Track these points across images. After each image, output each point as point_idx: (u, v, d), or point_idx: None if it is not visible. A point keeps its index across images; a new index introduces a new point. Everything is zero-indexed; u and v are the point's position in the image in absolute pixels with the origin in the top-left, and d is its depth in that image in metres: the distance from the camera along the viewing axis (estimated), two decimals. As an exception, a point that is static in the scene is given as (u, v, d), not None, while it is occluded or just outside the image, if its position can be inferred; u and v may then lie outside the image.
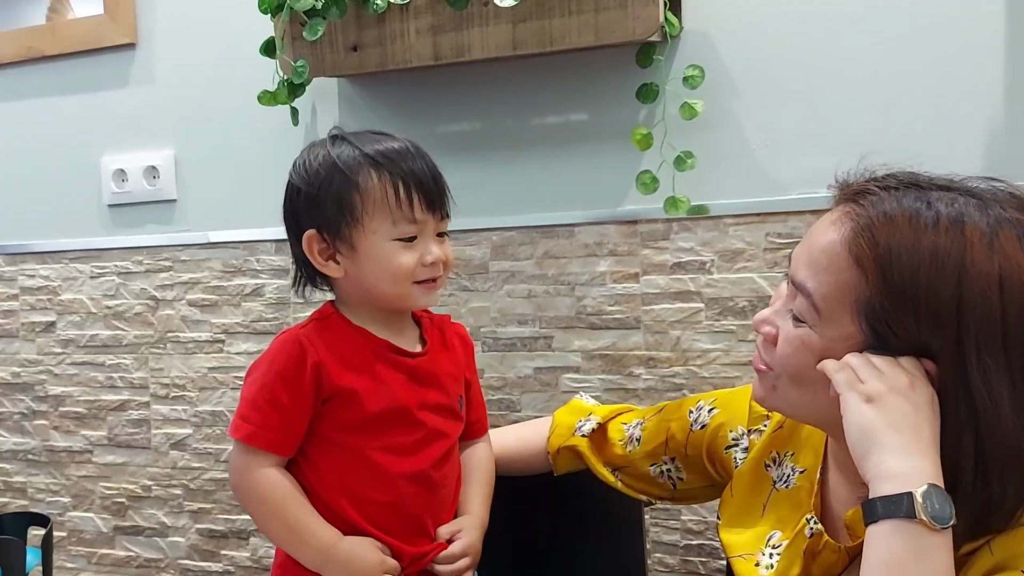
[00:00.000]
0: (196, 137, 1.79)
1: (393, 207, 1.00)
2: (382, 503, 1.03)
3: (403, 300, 1.04)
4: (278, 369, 1.00)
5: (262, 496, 1.00)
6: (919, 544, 0.72)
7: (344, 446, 1.02)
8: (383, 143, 1.03)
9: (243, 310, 1.77)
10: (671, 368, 1.49)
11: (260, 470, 1.00)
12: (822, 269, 0.81)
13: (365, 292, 1.04)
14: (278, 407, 0.99)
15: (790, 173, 1.41)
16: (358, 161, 1.01)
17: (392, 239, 1.00)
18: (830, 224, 0.83)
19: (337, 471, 1.02)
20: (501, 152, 1.58)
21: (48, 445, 1.95)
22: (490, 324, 1.60)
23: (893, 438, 0.75)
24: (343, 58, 1.48)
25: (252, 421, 1.00)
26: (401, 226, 1.00)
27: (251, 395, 1.00)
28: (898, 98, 1.35)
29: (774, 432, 1.01)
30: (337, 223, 1.01)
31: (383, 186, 1.00)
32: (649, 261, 1.50)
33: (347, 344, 1.03)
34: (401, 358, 1.05)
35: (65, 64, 1.88)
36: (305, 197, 1.02)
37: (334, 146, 1.03)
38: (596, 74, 1.50)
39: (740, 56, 1.43)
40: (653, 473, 1.12)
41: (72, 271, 1.90)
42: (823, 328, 0.81)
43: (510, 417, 1.59)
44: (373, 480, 1.02)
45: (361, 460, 1.02)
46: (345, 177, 1.00)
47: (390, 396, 1.03)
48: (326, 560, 1.00)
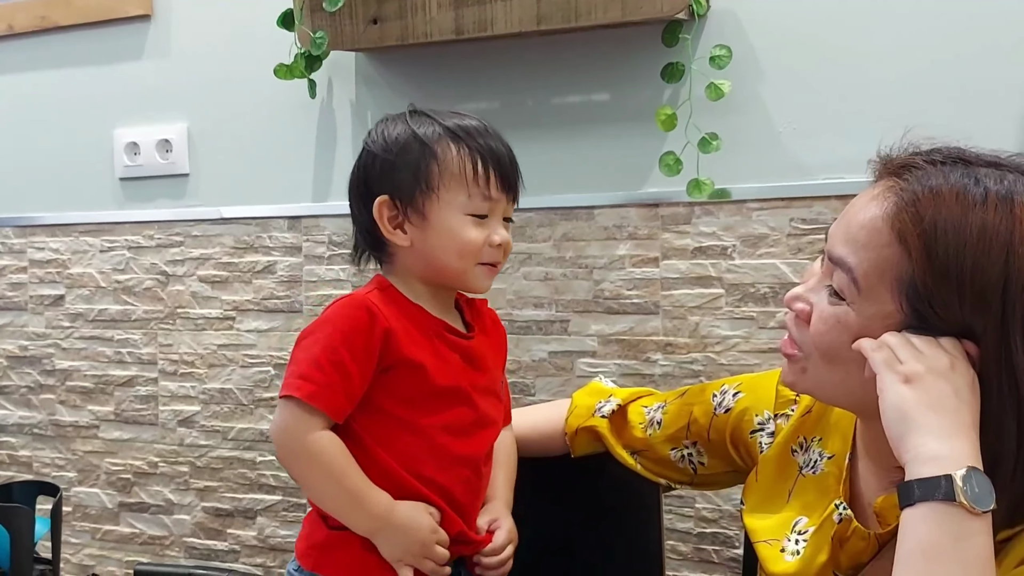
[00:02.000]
0: (210, 111, 1.77)
1: (470, 181, 0.99)
2: (436, 482, 1.01)
3: (463, 277, 1.02)
4: (345, 330, 0.97)
5: (321, 460, 0.97)
6: (958, 528, 0.70)
7: (401, 420, 1.00)
8: (463, 119, 1.03)
9: (254, 287, 1.75)
10: (689, 354, 1.47)
11: (317, 432, 0.96)
12: (862, 245, 0.78)
13: (427, 265, 1.02)
14: (342, 369, 0.96)
15: (816, 157, 1.39)
16: (438, 133, 1.01)
17: (465, 213, 1.00)
18: (871, 199, 0.80)
19: (395, 442, 1.00)
20: (520, 131, 1.55)
21: (54, 419, 1.93)
22: (506, 307, 1.58)
23: (932, 420, 0.73)
24: (362, 31, 1.46)
25: (315, 380, 0.96)
26: (475, 201, 1.00)
27: (312, 355, 0.97)
28: (931, 80, 1.32)
29: (801, 417, 0.98)
30: (412, 190, 1.00)
31: (462, 159, 1.00)
32: (670, 245, 1.47)
33: (408, 318, 1.01)
34: (456, 338, 1.04)
35: (79, 35, 1.86)
36: (381, 164, 1.02)
37: (412, 119, 1.03)
38: (620, 53, 1.48)
39: (768, 37, 1.40)
40: (673, 457, 1.10)
41: (82, 244, 1.88)
42: (862, 305, 0.78)
43: (524, 401, 1.57)
44: (431, 458, 1.01)
45: (420, 437, 1.00)
46: (424, 147, 1.00)
47: (452, 374, 1.02)
48: (382, 526, 0.98)
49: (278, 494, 1.76)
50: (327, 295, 1.70)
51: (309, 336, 0.99)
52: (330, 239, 1.69)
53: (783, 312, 1.38)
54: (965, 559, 0.70)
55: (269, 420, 1.76)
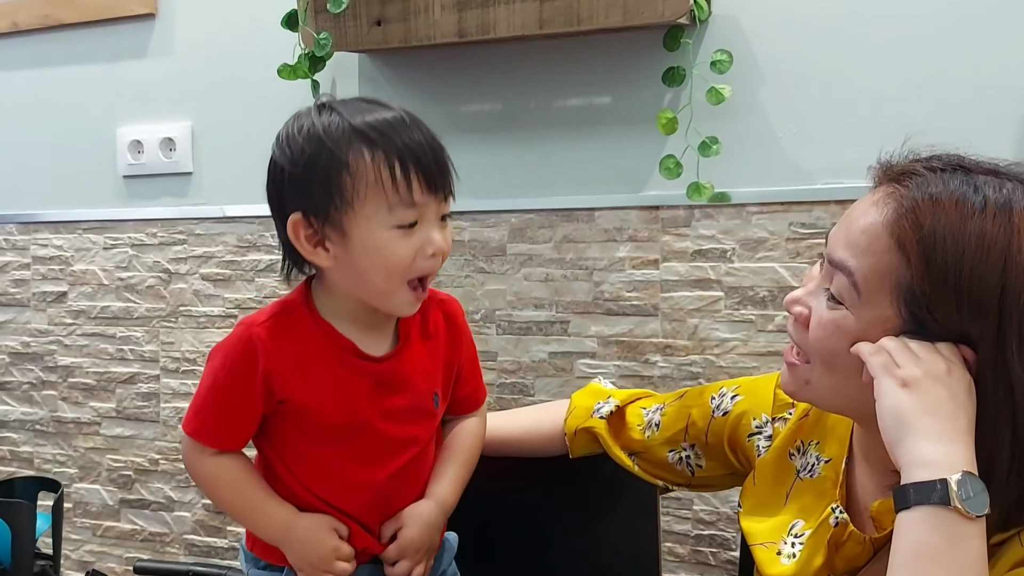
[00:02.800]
0: (214, 110, 1.77)
1: (389, 190, 0.88)
2: (337, 504, 1.00)
3: (387, 299, 0.94)
4: (228, 368, 0.95)
5: (214, 482, 1.00)
6: (953, 532, 0.71)
7: (305, 449, 0.99)
8: (375, 113, 0.91)
9: (256, 285, 1.76)
10: (688, 356, 1.48)
11: (208, 459, 0.98)
12: (862, 250, 0.79)
13: (353, 283, 0.94)
14: (224, 408, 0.96)
15: (816, 162, 1.39)
16: (348, 136, 0.89)
17: (389, 227, 0.90)
18: (871, 204, 0.81)
19: (300, 468, 0.99)
20: (522, 133, 1.56)
21: (56, 416, 1.94)
22: (506, 307, 1.58)
23: (928, 424, 0.73)
24: (366, 32, 1.47)
25: (200, 418, 0.97)
26: (399, 211, 0.89)
27: (203, 390, 0.97)
28: (930, 87, 1.33)
29: (799, 420, 0.99)
30: (325, 206, 0.89)
31: (376, 165, 0.88)
32: (669, 248, 1.48)
33: (307, 345, 0.96)
34: (365, 363, 0.97)
35: (83, 33, 1.86)
36: (289, 177, 0.91)
37: (320, 117, 0.92)
38: (621, 56, 1.48)
39: (768, 42, 1.41)
40: (671, 459, 1.10)
41: (85, 242, 1.89)
42: (861, 310, 0.79)
43: (523, 401, 1.58)
44: (330, 483, 0.99)
45: (319, 464, 0.99)
46: (333, 155, 0.89)
47: (350, 407, 0.97)
48: (283, 538, 0.99)
49: (278, 492, 1.77)
50: (328, 294, 1.70)
51: (210, 361, 0.98)
52: (332, 239, 1.69)
53: (783, 315, 1.40)
54: (959, 563, 0.71)
55: (270, 418, 1.76)
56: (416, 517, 1.02)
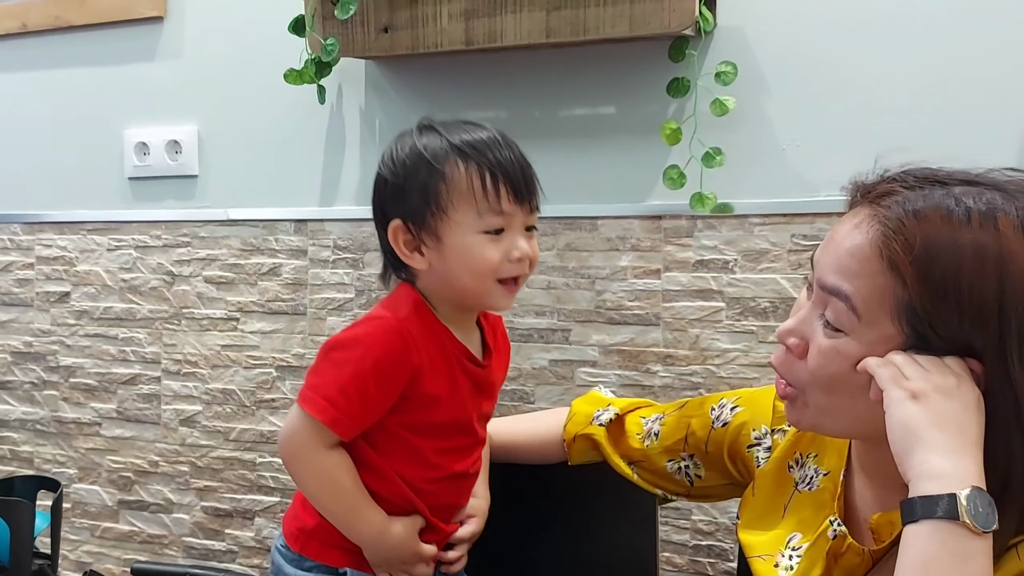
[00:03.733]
0: (220, 113, 1.78)
1: (479, 197, 0.98)
2: (425, 490, 1.05)
3: (482, 297, 1.02)
4: (376, 359, 0.98)
5: (327, 477, 1.01)
6: (960, 547, 0.70)
7: (404, 439, 1.03)
8: (471, 133, 1.01)
9: (259, 289, 1.76)
10: (689, 366, 1.48)
11: (328, 451, 1.00)
12: (855, 273, 0.78)
13: (447, 286, 1.02)
14: (366, 400, 0.99)
15: (819, 174, 1.40)
16: (445, 151, 0.99)
17: (478, 231, 0.98)
18: (853, 227, 0.80)
19: (391, 454, 1.04)
20: (526, 142, 1.51)
21: (57, 416, 1.94)
22: (507, 314, 1.58)
23: (938, 437, 0.73)
24: (373, 39, 1.47)
25: (339, 407, 0.98)
26: (487, 218, 0.98)
27: (342, 378, 0.98)
28: (933, 99, 1.33)
29: (798, 432, 0.99)
30: (422, 213, 0.99)
31: (469, 176, 0.98)
32: (672, 258, 1.48)
33: (436, 344, 1.02)
34: (474, 368, 1.05)
35: (92, 35, 1.87)
36: (392, 188, 1.01)
37: (421, 136, 1.02)
38: (626, 67, 1.49)
39: (773, 54, 1.41)
40: (670, 469, 1.11)
41: (89, 243, 1.89)
42: (862, 332, 0.78)
43: (523, 408, 1.58)
44: (424, 473, 1.05)
45: (418, 454, 1.04)
46: (431, 167, 0.99)
47: (461, 408, 1.04)
48: (373, 543, 1.04)
49: (276, 495, 1.77)
50: (331, 298, 1.71)
51: (340, 350, 1.00)
52: (335, 243, 1.70)
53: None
54: None
55: (270, 422, 1.77)
56: (482, 512, 1.13)
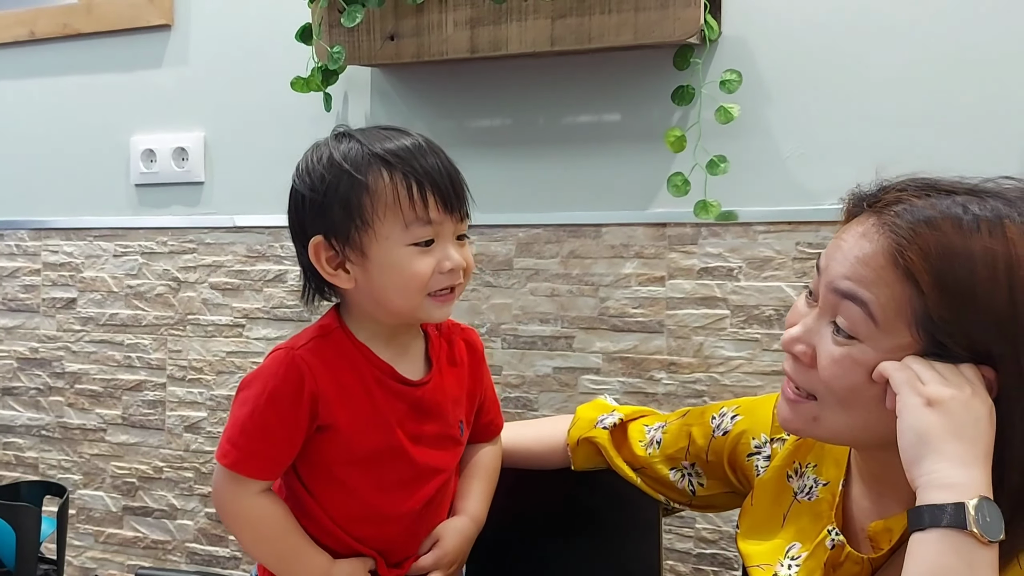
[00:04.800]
0: (227, 121, 1.79)
1: (405, 208, 0.91)
2: (371, 538, 0.99)
3: (414, 313, 0.95)
4: (271, 393, 0.93)
5: (252, 525, 0.96)
6: (969, 556, 0.70)
7: (337, 478, 0.97)
8: (393, 140, 0.94)
9: (264, 295, 1.77)
10: (692, 374, 1.48)
11: (249, 498, 0.95)
12: (871, 282, 0.77)
13: (375, 304, 0.95)
14: (268, 435, 0.93)
15: (823, 183, 1.40)
16: (367, 160, 0.92)
17: (406, 244, 0.92)
18: (860, 236, 0.80)
19: (330, 500, 0.98)
20: (531, 149, 1.57)
21: (62, 422, 1.95)
22: (511, 321, 1.59)
23: (950, 446, 0.73)
24: (379, 47, 1.48)
25: (240, 448, 0.93)
26: (415, 228, 0.92)
27: (241, 419, 0.94)
28: (935, 109, 1.34)
29: (797, 441, 0.98)
30: (346, 228, 0.92)
31: (394, 185, 0.91)
32: (676, 265, 1.48)
33: (347, 368, 0.96)
34: (403, 387, 0.98)
35: (100, 42, 1.88)
36: (310, 203, 0.94)
37: (339, 144, 0.95)
38: (631, 75, 1.49)
39: (777, 63, 1.41)
40: (672, 477, 1.10)
41: (96, 249, 1.90)
42: (878, 340, 0.78)
43: (526, 416, 1.58)
44: (364, 517, 0.99)
45: (355, 497, 0.98)
46: (352, 178, 0.92)
47: (386, 431, 0.97)
48: None
49: (281, 502, 1.77)
50: (335, 305, 1.71)
51: (243, 390, 0.96)
52: (340, 250, 1.70)
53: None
54: None
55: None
56: (453, 530, 1.03)
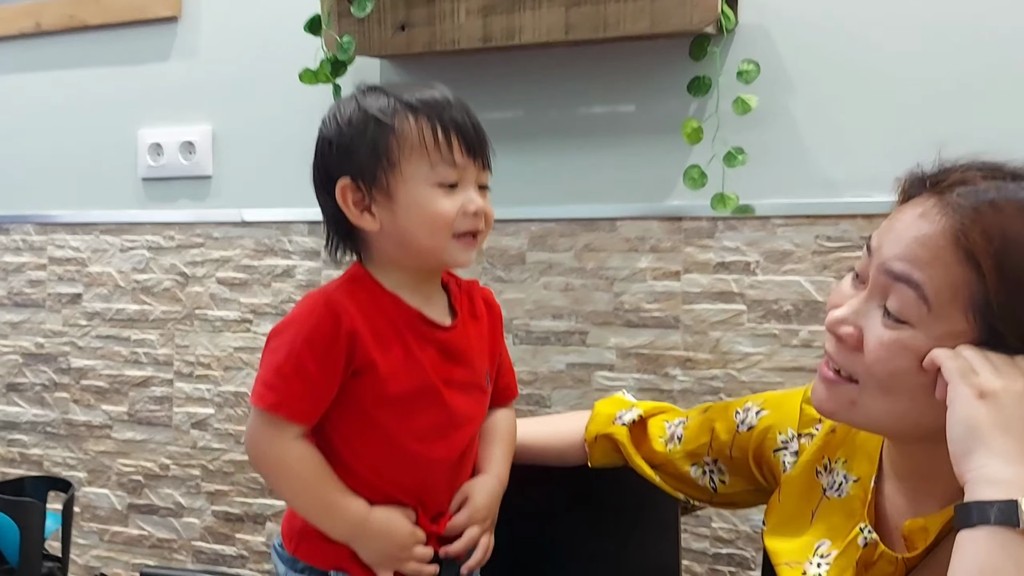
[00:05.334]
0: (234, 113, 1.77)
1: (431, 148, 0.94)
2: (409, 487, 0.99)
3: (439, 254, 0.96)
4: (307, 334, 0.93)
5: (290, 471, 0.96)
6: (1018, 555, 0.67)
7: (371, 424, 0.97)
8: (421, 91, 0.97)
9: (273, 290, 1.74)
10: (709, 370, 1.45)
11: (286, 442, 0.94)
12: (926, 263, 0.75)
13: (401, 246, 0.97)
14: (305, 376, 0.93)
15: (844, 174, 1.37)
16: (394, 107, 0.95)
17: (431, 184, 0.94)
18: (918, 217, 0.77)
19: (367, 448, 0.98)
20: (544, 141, 1.54)
21: (68, 418, 1.93)
22: (524, 316, 1.56)
23: (1002, 441, 0.70)
24: (390, 37, 1.46)
25: (277, 390, 0.93)
26: (440, 169, 0.94)
27: (276, 362, 0.93)
28: (961, 97, 1.31)
29: (826, 436, 0.96)
30: (373, 169, 0.94)
31: (420, 127, 0.94)
32: (692, 259, 1.46)
33: (379, 311, 0.97)
34: (433, 331, 0.99)
35: (107, 35, 1.86)
36: (337, 147, 0.96)
37: (366, 97, 0.97)
38: (646, 65, 1.46)
39: (796, 52, 1.39)
40: (693, 474, 1.08)
41: (102, 243, 1.88)
42: (930, 325, 0.75)
43: (539, 412, 1.55)
44: (402, 465, 0.98)
45: (392, 444, 0.97)
46: (379, 123, 0.95)
47: (420, 374, 0.97)
48: (358, 534, 0.97)
49: (289, 500, 1.75)
50: (345, 301, 1.69)
51: (275, 337, 0.96)
52: (349, 245, 1.68)
53: (807, 330, 1.37)
54: None
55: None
56: (481, 487, 1.04)
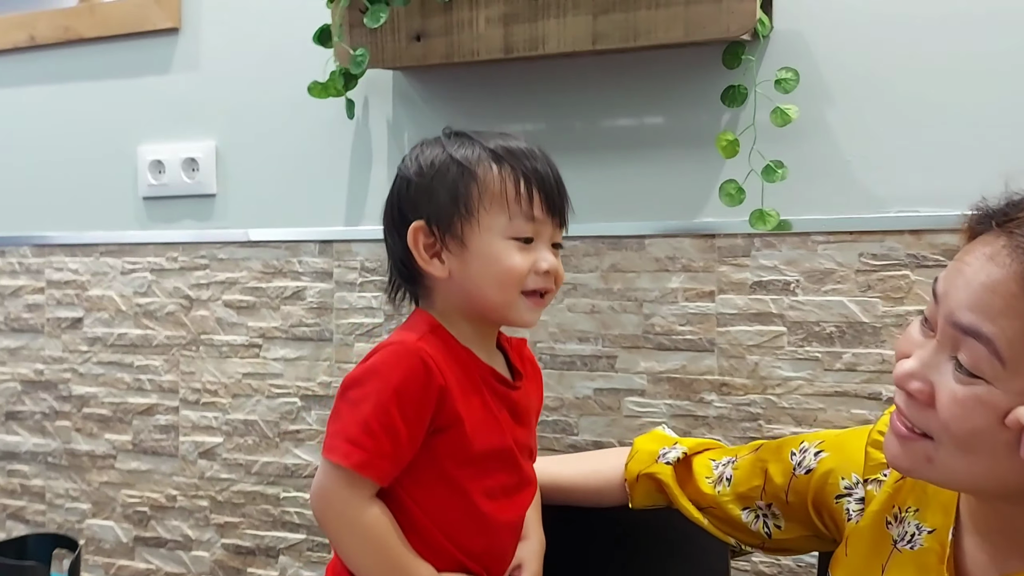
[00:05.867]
0: (239, 129, 1.69)
1: (511, 201, 0.92)
2: (477, 551, 0.95)
3: (506, 310, 0.94)
4: (397, 386, 0.88)
5: (364, 532, 0.90)
6: None
7: (446, 484, 0.93)
8: (507, 141, 0.95)
9: (282, 313, 1.67)
10: (747, 396, 1.37)
11: (365, 503, 0.89)
12: (998, 312, 0.68)
13: (467, 298, 0.94)
14: (393, 433, 0.88)
15: (888, 189, 1.29)
16: (478, 155, 0.93)
17: (507, 237, 0.92)
18: (987, 259, 0.70)
19: (440, 510, 0.93)
20: (567, 155, 1.46)
21: (70, 448, 1.85)
22: (548, 340, 1.49)
23: None
24: (405, 48, 1.38)
25: (365, 447, 0.87)
26: (517, 223, 0.92)
27: (362, 416, 0.88)
28: (1013, 112, 1.23)
29: (896, 484, 0.89)
30: (449, 215, 0.92)
31: (503, 178, 0.92)
32: (727, 279, 1.38)
33: (459, 365, 0.93)
34: (505, 389, 0.97)
35: (103, 47, 1.79)
36: (416, 188, 0.94)
37: (450, 141, 0.96)
38: (675, 74, 1.39)
39: (836, 59, 1.31)
40: (745, 519, 1.00)
41: (103, 265, 1.81)
42: (1009, 381, 0.68)
43: (565, 441, 1.48)
44: (474, 526, 0.94)
45: (467, 506, 0.94)
46: (462, 168, 0.93)
47: (499, 433, 0.95)
48: None
49: (302, 532, 1.67)
50: (358, 323, 1.61)
51: (356, 387, 0.90)
52: (362, 265, 1.60)
53: (851, 353, 1.30)
54: None
55: (294, 454, 1.67)
56: (532, 553, 1.02)
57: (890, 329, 1.29)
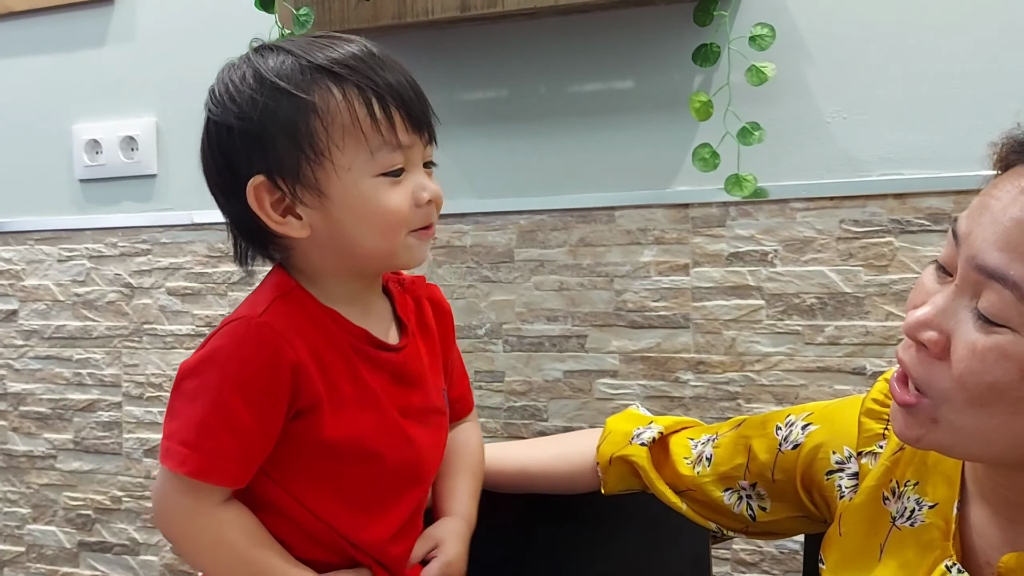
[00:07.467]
0: (180, 104, 1.64)
1: (368, 131, 0.75)
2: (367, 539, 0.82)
3: (392, 257, 0.80)
4: (236, 375, 0.75)
5: (218, 545, 0.78)
6: None
7: (322, 471, 0.80)
8: (335, 48, 0.78)
9: (229, 300, 1.61)
10: (724, 374, 1.31)
11: (212, 511, 0.77)
12: None
13: (340, 254, 0.79)
14: (238, 429, 0.75)
15: (871, 151, 1.25)
16: (308, 74, 0.76)
17: (374, 175, 0.77)
18: (1020, 193, 0.63)
19: (314, 499, 0.80)
20: (531, 123, 1.41)
21: (6, 449, 1.80)
22: (514, 320, 1.42)
23: None
24: (353, 8, 1.31)
25: (201, 450, 0.74)
26: (382, 155, 0.76)
27: (199, 414, 0.75)
28: (1007, 60, 1.18)
29: (893, 455, 0.82)
30: (294, 162, 0.76)
31: (350, 103, 0.75)
32: (702, 250, 1.32)
33: (319, 335, 0.79)
34: (381, 353, 0.83)
35: (34, 20, 1.74)
36: (241, 135, 0.77)
37: (265, 59, 0.78)
38: (645, 33, 1.33)
39: (814, 14, 1.26)
40: (727, 501, 0.93)
41: (37, 253, 1.75)
42: None
43: (534, 427, 1.40)
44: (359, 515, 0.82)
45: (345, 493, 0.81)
46: (294, 98, 0.75)
47: (376, 407, 0.81)
48: None
49: (257, 532, 1.59)
50: (312, 309, 1.53)
51: (191, 378, 0.76)
52: (315, 246, 1.53)
53: (833, 326, 1.23)
54: None
55: (247, 449, 1.59)
56: (451, 533, 0.89)
57: (873, 299, 1.23)
